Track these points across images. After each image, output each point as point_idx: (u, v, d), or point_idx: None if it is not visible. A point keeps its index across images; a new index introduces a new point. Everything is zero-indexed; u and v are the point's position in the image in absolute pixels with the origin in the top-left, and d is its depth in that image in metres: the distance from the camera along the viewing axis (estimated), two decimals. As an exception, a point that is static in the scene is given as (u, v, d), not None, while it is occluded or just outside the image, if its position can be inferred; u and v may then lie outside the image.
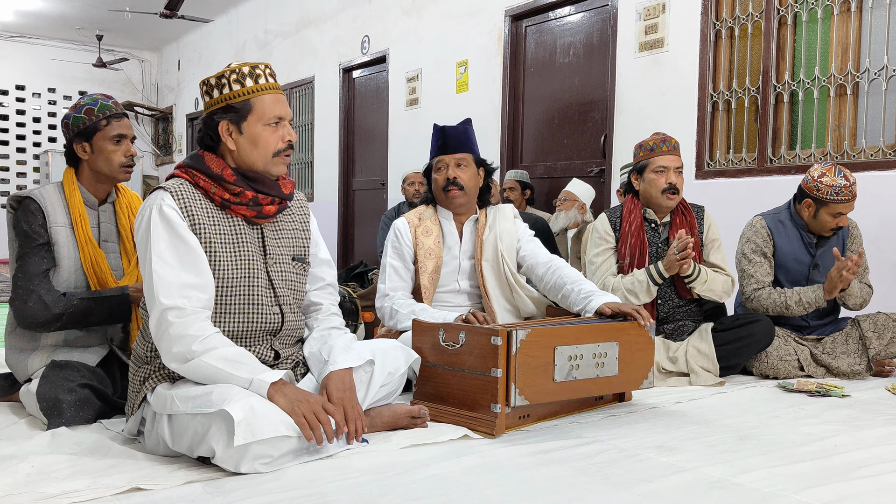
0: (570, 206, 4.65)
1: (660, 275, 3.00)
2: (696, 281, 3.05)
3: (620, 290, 3.02)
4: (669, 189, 3.08)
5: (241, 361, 1.87)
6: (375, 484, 1.74)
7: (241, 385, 1.84)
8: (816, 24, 4.14)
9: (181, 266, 1.90)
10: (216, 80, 2.00)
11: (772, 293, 3.15)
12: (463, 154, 2.77)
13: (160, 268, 1.88)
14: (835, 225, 3.14)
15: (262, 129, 2.00)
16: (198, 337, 1.86)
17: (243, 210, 2.02)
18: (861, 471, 1.91)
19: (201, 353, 1.85)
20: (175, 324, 1.86)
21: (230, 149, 2.01)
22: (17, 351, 2.40)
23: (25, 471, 1.78)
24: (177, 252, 1.90)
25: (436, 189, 2.81)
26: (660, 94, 4.76)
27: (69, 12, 9.96)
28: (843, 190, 3.07)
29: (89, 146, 2.42)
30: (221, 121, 1.99)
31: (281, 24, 8.87)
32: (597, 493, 1.73)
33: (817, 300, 3.09)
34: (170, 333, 1.86)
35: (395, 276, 2.75)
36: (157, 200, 1.94)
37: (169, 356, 1.88)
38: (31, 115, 11.44)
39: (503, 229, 2.82)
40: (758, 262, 3.21)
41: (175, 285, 1.88)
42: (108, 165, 2.43)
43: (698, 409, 2.56)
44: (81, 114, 2.41)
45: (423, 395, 2.34)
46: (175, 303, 1.86)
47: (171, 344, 1.86)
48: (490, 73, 6.02)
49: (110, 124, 2.43)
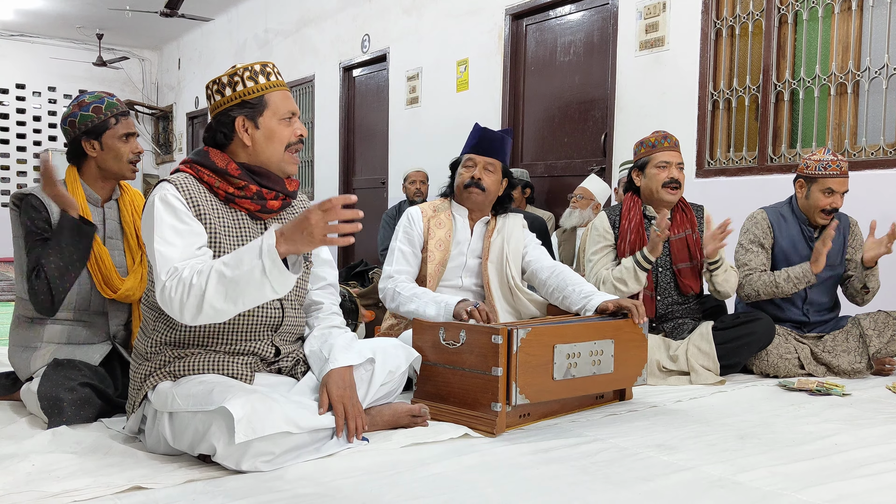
0: (585, 205, 4.58)
1: (645, 259, 2.99)
2: (720, 268, 3.07)
3: (609, 281, 3.02)
4: (671, 183, 3.08)
5: (240, 256, 1.76)
6: (376, 482, 1.75)
7: (255, 273, 1.71)
8: (817, 23, 4.14)
9: (184, 245, 1.89)
10: (228, 79, 2.02)
11: (762, 275, 3.19)
12: (493, 160, 2.80)
13: (162, 247, 1.86)
14: (827, 205, 3.15)
15: (276, 123, 2.03)
16: (192, 274, 1.78)
17: (247, 204, 2.02)
18: (861, 469, 1.91)
19: (205, 282, 1.75)
20: (171, 285, 1.79)
21: (245, 144, 2.02)
22: (21, 349, 2.40)
23: (26, 470, 1.78)
24: (180, 233, 1.89)
25: (458, 183, 2.83)
26: (660, 93, 4.76)
27: (69, 11, 9.95)
28: (831, 164, 3.13)
29: (99, 144, 2.43)
30: (238, 116, 2.01)
31: (281, 23, 8.86)
32: (597, 491, 1.73)
33: (805, 273, 3.10)
34: (171, 296, 1.79)
35: (402, 259, 2.77)
36: (161, 191, 1.94)
37: (184, 313, 1.79)
38: (31, 114, 11.44)
39: (511, 235, 2.86)
40: (753, 252, 3.24)
41: (176, 261, 1.86)
42: (117, 163, 2.46)
43: (699, 408, 2.56)
44: (89, 112, 2.42)
45: (424, 394, 2.34)
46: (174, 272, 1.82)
47: (179, 302, 1.78)
48: (490, 71, 6.01)
49: (119, 122, 2.45)
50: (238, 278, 1.73)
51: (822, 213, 3.17)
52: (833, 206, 3.16)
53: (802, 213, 3.25)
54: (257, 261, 1.70)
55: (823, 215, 3.16)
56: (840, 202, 3.17)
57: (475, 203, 2.82)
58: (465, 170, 2.82)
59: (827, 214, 3.17)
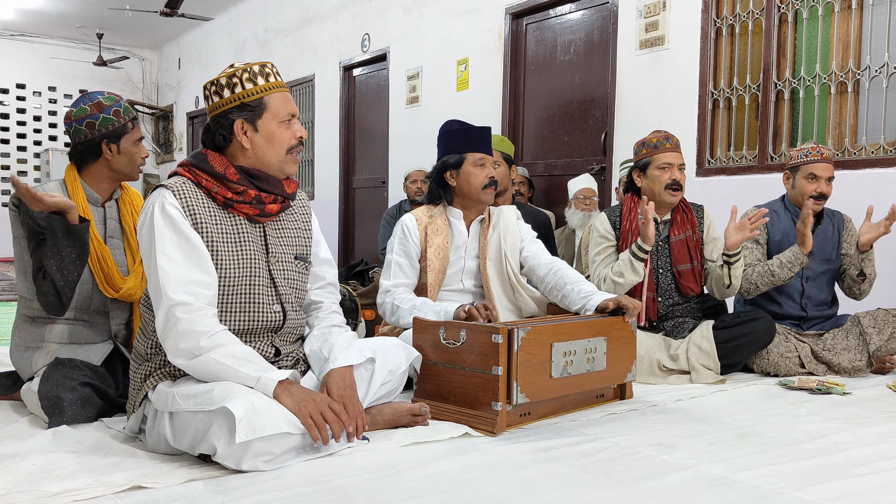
0: (593, 206, 4.58)
1: (640, 248, 2.99)
2: (738, 261, 3.07)
3: (609, 278, 3.02)
4: (673, 185, 3.09)
5: (249, 359, 1.87)
6: (377, 482, 1.75)
7: (247, 383, 1.83)
8: (817, 22, 4.13)
9: (187, 262, 1.90)
10: (227, 80, 2.00)
11: (756, 267, 3.21)
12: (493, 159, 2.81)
13: (166, 264, 1.88)
14: (813, 191, 3.18)
15: (276, 126, 2.01)
16: (206, 333, 1.86)
17: (246, 209, 2.02)
18: (862, 468, 1.91)
19: (209, 349, 1.84)
20: (183, 320, 1.85)
21: (244, 147, 2.01)
22: (23, 348, 2.41)
23: (27, 469, 1.78)
24: (181, 249, 1.90)
25: (473, 184, 2.73)
26: (660, 92, 4.76)
27: (70, 11, 9.95)
28: (811, 151, 3.21)
29: (117, 147, 2.45)
30: (237, 119, 1.99)
31: (281, 22, 8.86)
32: (597, 490, 1.73)
33: (796, 255, 3.12)
34: (178, 329, 1.85)
35: (399, 272, 2.74)
36: (159, 199, 1.93)
37: (175, 353, 1.88)
38: (31, 114, 11.43)
39: (507, 229, 2.83)
40: (748, 248, 3.27)
41: (181, 281, 1.88)
42: (130, 166, 2.49)
43: (699, 407, 2.56)
44: (111, 115, 2.43)
45: (424, 393, 2.34)
46: (182, 299, 1.86)
47: (179, 340, 1.86)
48: (490, 70, 6.01)
49: (135, 127, 2.50)
50: (234, 375, 1.84)
51: (811, 201, 3.19)
52: (819, 191, 3.19)
53: (794, 205, 3.30)
54: (254, 376, 1.84)
55: (812, 202, 3.18)
56: (826, 188, 3.20)
57: (488, 203, 2.79)
58: (479, 169, 2.74)
59: (816, 201, 3.19)
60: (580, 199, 4.60)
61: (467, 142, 2.78)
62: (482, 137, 2.79)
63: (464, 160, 2.76)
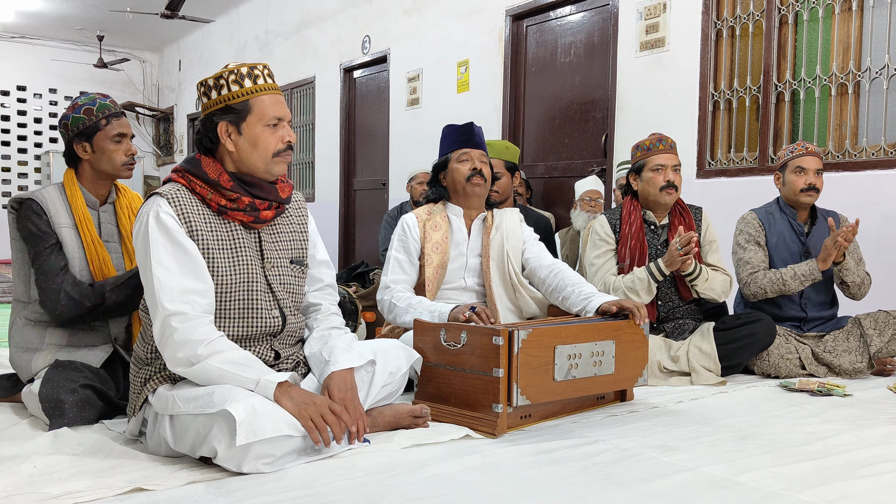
0: (598, 208, 4.57)
1: (660, 272, 3.00)
2: (697, 279, 3.06)
3: (621, 289, 3.02)
4: (668, 186, 3.09)
5: (248, 364, 1.88)
6: (377, 484, 1.75)
7: (247, 387, 1.83)
8: (818, 23, 4.14)
9: (182, 272, 1.90)
10: (214, 81, 1.99)
11: (767, 273, 3.20)
12: (483, 152, 2.82)
13: (161, 274, 1.88)
14: (803, 183, 3.20)
15: (261, 130, 1.99)
16: (203, 341, 1.86)
17: (240, 216, 2.01)
18: (863, 470, 1.91)
19: (207, 356, 1.85)
20: (179, 329, 1.85)
21: (229, 150, 2.00)
22: (22, 350, 2.40)
23: (28, 471, 1.78)
24: (176, 258, 1.90)
25: (458, 178, 2.78)
26: (661, 94, 4.76)
27: (70, 13, 9.96)
28: (797, 147, 3.27)
29: (90, 146, 2.42)
30: (221, 122, 1.98)
31: (282, 24, 8.87)
32: (598, 492, 1.73)
33: (812, 271, 3.11)
34: (174, 339, 1.86)
35: (398, 268, 2.75)
36: (154, 207, 1.93)
37: (174, 361, 1.88)
38: (32, 116, 11.46)
39: (509, 230, 2.84)
40: (752, 250, 3.26)
41: (177, 290, 1.88)
42: (110, 164, 2.44)
43: (700, 409, 2.56)
44: (80, 114, 2.41)
45: (425, 395, 2.34)
46: (178, 308, 1.86)
47: (176, 349, 1.86)
48: (491, 72, 6.02)
49: (110, 123, 2.43)
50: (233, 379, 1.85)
51: (802, 194, 3.20)
52: (809, 183, 3.20)
53: (788, 205, 3.30)
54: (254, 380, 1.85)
55: (804, 195, 3.19)
56: (816, 181, 3.21)
57: (479, 194, 2.80)
58: (462, 164, 2.78)
59: (807, 194, 3.20)
60: (586, 200, 4.60)
61: (453, 140, 2.85)
62: (465, 133, 2.82)
63: (449, 159, 2.83)
